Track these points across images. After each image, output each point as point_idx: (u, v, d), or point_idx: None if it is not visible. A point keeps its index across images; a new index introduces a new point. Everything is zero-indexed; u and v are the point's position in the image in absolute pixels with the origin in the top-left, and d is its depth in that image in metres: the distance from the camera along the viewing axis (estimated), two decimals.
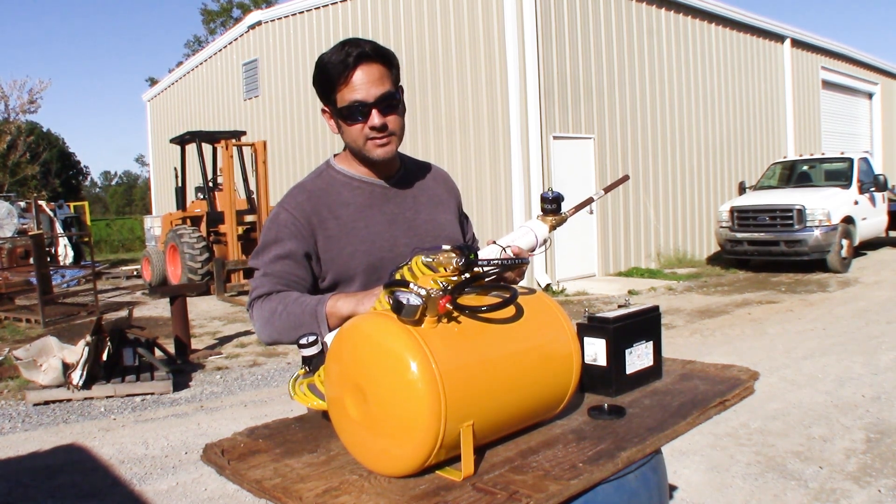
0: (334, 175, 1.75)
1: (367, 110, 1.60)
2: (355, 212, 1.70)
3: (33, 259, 9.75)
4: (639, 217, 12.25)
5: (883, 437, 3.95)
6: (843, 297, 8.93)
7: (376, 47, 1.62)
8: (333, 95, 1.63)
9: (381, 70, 1.61)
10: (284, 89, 15.18)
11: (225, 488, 3.55)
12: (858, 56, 19.60)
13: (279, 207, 1.71)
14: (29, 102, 24.91)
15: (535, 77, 10.32)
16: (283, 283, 1.67)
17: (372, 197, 1.73)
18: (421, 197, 1.80)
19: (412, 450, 1.19)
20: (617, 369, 1.64)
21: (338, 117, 1.66)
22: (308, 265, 1.69)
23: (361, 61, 1.58)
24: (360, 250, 1.68)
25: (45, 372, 5.40)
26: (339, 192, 1.71)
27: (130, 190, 62.57)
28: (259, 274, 1.69)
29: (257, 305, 1.67)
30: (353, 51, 1.58)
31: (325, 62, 1.61)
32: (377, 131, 1.62)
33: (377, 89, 1.59)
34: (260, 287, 1.67)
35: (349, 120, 1.63)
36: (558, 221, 1.64)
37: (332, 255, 1.68)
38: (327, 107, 1.68)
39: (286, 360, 6.66)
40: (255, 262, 1.71)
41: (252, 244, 12.07)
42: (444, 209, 1.85)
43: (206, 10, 42.18)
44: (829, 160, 12.96)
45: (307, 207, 1.68)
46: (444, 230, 1.80)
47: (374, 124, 1.61)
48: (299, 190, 1.73)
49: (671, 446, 2.60)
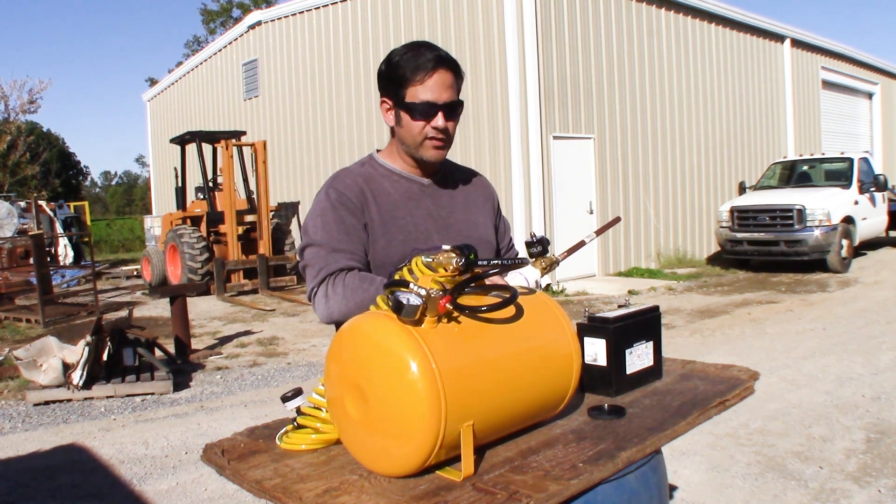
0: (377, 167, 1.81)
1: (435, 112, 1.68)
2: (395, 202, 1.75)
3: (33, 259, 9.74)
4: (639, 217, 12.25)
5: (883, 437, 3.95)
6: (843, 297, 8.93)
7: (451, 58, 1.71)
8: (403, 91, 1.68)
9: (452, 78, 1.70)
10: (284, 89, 15.18)
11: (225, 488, 3.55)
12: (858, 56, 19.60)
13: (329, 188, 1.74)
14: (29, 102, 24.95)
15: (535, 77, 10.32)
16: (354, 258, 1.68)
17: (411, 191, 1.79)
18: (458, 198, 1.86)
19: (412, 450, 1.19)
20: (617, 369, 1.64)
21: (404, 111, 1.70)
22: (367, 238, 1.71)
23: (440, 66, 1.67)
24: (398, 240, 1.72)
25: (45, 372, 5.40)
26: (380, 183, 1.77)
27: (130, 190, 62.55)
28: (324, 251, 1.67)
29: (332, 281, 1.64)
30: (432, 54, 1.67)
31: (400, 58, 1.68)
32: (438, 132, 1.70)
33: (448, 95, 1.68)
34: (333, 263, 1.65)
35: (416, 116, 1.68)
36: (549, 263, 1.66)
37: (372, 239, 1.72)
38: (389, 99, 1.73)
39: (286, 361, 6.66)
40: (314, 238, 1.69)
41: (252, 244, 12.08)
42: (479, 212, 1.91)
43: (206, 10, 42.18)
44: (829, 160, 12.95)
45: (355, 187, 1.73)
46: (478, 231, 1.86)
47: (439, 125, 1.69)
48: (346, 172, 1.79)
49: (671, 446, 2.60)
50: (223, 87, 17.51)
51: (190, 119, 18.73)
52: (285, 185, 15.16)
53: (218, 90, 17.77)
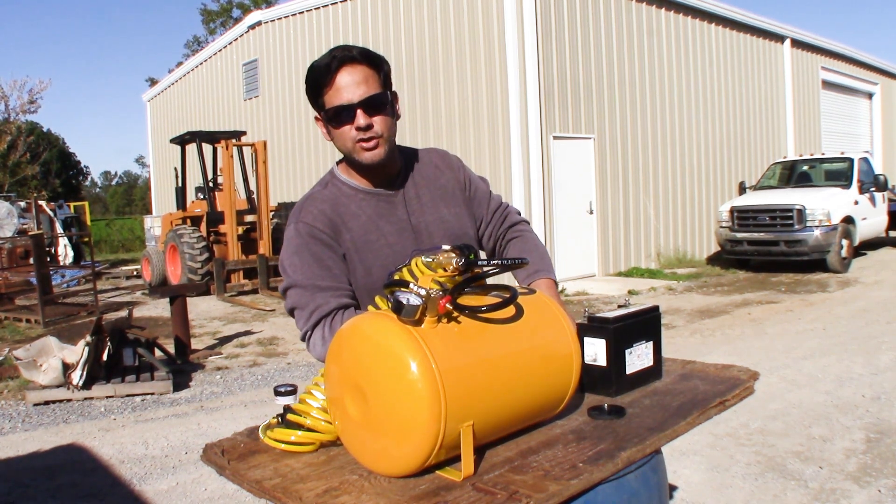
0: (340, 186, 1.72)
1: (353, 111, 1.59)
2: (366, 224, 1.68)
3: (33, 259, 9.74)
4: (639, 217, 12.25)
5: (883, 437, 3.95)
6: (843, 297, 8.93)
7: (363, 51, 1.62)
8: (321, 100, 1.63)
9: (365, 71, 1.61)
10: (284, 89, 15.18)
11: (225, 488, 3.55)
12: (858, 56, 19.60)
13: (297, 223, 1.65)
14: (29, 102, 24.96)
15: (535, 77, 10.32)
16: (342, 294, 1.62)
17: (379, 208, 1.71)
18: (424, 196, 1.77)
19: (412, 450, 1.19)
20: (617, 369, 1.64)
21: (327, 122, 1.65)
22: (347, 267, 1.66)
23: (345, 64, 1.59)
24: (376, 265, 1.66)
25: (45, 372, 5.40)
26: (347, 205, 1.69)
27: (130, 190, 62.51)
28: (309, 292, 1.60)
29: (329, 322, 1.59)
30: (337, 54, 1.60)
31: (313, 67, 1.63)
32: (363, 132, 1.60)
33: (362, 91, 1.59)
34: (324, 304, 1.59)
35: (335, 123, 1.62)
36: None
37: (351, 268, 1.67)
38: (319, 113, 1.67)
39: (286, 361, 6.66)
40: (295, 278, 1.62)
41: (252, 244, 12.08)
42: (450, 200, 1.81)
43: (205, 11, 42.19)
44: (829, 160, 12.95)
45: (324, 218, 1.66)
46: (451, 226, 1.78)
47: (360, 124, 1.59)
48: (310, 202, 1.70)
49: (671, 446, 2.60)
50: (223, 87, 17.52)
51: (190, 119, 18.73)
52: (285, 185, 15.17)
53: (218, 90, 17.77)
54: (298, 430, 1.40)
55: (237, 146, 12.28)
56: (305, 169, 14.74)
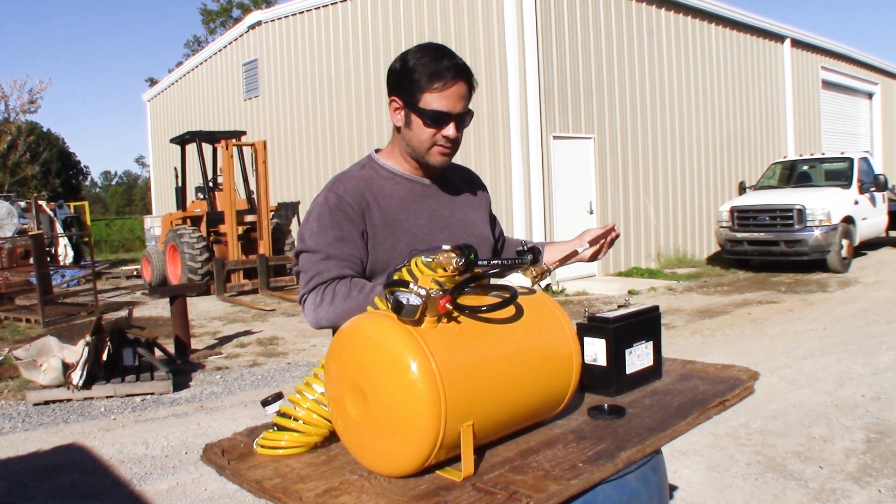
0: (377, 169, 1.80)
1: (448, 121, 1.68)
2: (398, 204, 1.75)
3: (33, 259, 9.74)
4: (639, 217, 12.25)
5: (883, 437, 3.95)
6: (843, 297, 8.93)
7: (468, 67, 1.71)
8: (417, 95, 1.66)
9: (466, 88, 1.70)
10: (284, 89, 15.18)
11: (225, 488, 3.55)
12: (858, 56, 19.60)
13: (328, 192, 1.73)
14: (29, 102, 24.93)
15: (535, 77, 10.32)
16: (348, 266, 1.67)
17: (413, 193, 1.79)
18: (457, 197, 1.88)
19: (412, 450, 1.19)
20: (617, 369, 1.64)
21: (415, 115, 1.69)
22: (365, 246, 1.71)
23: (460, 77, 1.66)
24: (403, 242, 1.72)
25: (45, 372, 5.40)
26: (382, 185, 1.77)
27: (130, 190, 62.49)
28: (317, 258, 1.67)
29: (323, 290, 1.64)
30: (451, 63, 1.65)
31: (418, 62, 1.65)
32: (448, 142, 1.70)
33: (461, 105, 1.69)
34: (325, 271, 1.65)
35: (428, 123, 1.68)
36: (539, 272, 1.63)
37: (375, 243, 1.72)
38: (400, 100, 1.71)
39: (286, 360, 6.66)
40: (309, 244, 1.69)
41: (252, 244, 12.08)
42: (476, 209, 1.94)
43: (205, 10, 42.14)
44: (829, 160, 12.95)
45: (356, 192, 1.72)
46: (477, 228, 1.89)
47: (450, 135, 1.69)
48: (346, 176, 1.78)
49: (671, 446, 2.60)
50: (223, 87, 17.51)
51: (190, 119, 18.73)
52: (285, 185, 15.16)
53: (218, 90, 17.77)
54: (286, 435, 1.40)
55: (237, 146, 12.28)
56: (305, 169, 14.73)
